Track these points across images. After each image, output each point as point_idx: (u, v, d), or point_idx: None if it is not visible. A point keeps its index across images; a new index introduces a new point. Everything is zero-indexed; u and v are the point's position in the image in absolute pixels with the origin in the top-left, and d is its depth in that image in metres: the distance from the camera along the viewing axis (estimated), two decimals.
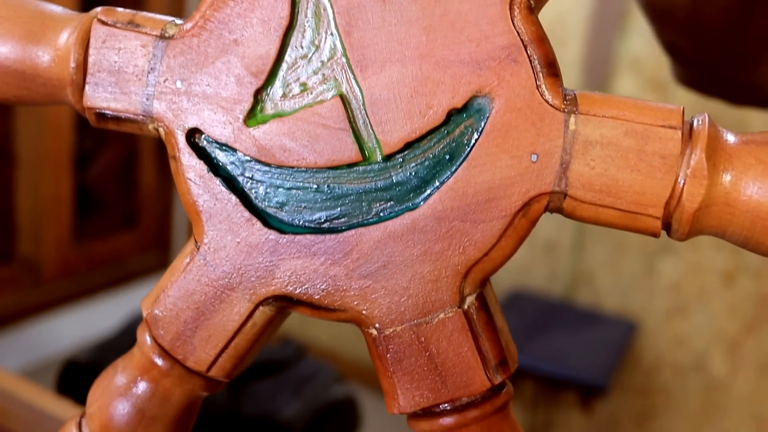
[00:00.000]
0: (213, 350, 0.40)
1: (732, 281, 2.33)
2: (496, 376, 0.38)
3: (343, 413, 1.49)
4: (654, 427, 2.52)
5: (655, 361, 2.47)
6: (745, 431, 2.38)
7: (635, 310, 2.47)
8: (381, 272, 0.38)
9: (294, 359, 1.50)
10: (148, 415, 0.42)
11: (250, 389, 1.43)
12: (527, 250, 2.60)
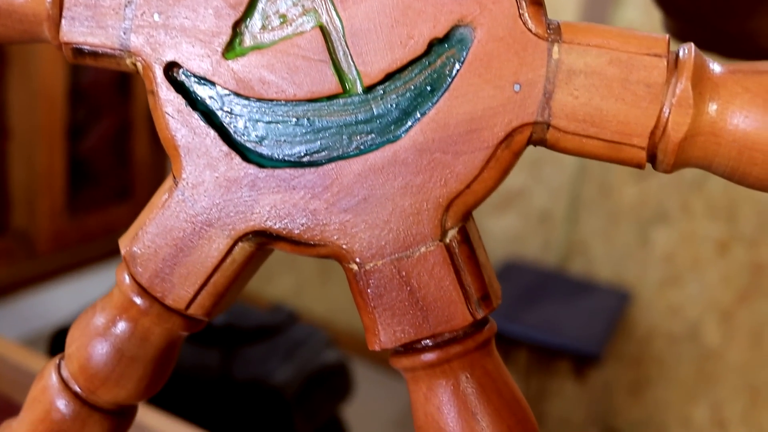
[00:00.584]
0: (192, 287, 0.40)
1: (726, 251, 2.33)
2: (479, 311, 0.37)
3: (334, 378, 1.49)
4: (647, 396, 2.53)
5: (649, 331, 2.48)
6: (738, 400, 2.39)
7: (629, 280, 2.47)
8: (361, 206, 0.37)
9: (286, 324, 1.50)
10: (127, 355, 0.41)
11: (242, 354, 1.43)
12: (521, 220, 2.60)
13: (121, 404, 0.43)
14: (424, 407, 0.39)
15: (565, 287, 2.46)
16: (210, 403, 1.40)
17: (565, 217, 2.54)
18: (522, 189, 2.58)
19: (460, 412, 0.38)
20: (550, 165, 2.53)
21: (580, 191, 2.50)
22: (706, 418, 2.44)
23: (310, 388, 1.43)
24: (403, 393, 2.70)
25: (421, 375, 0.38)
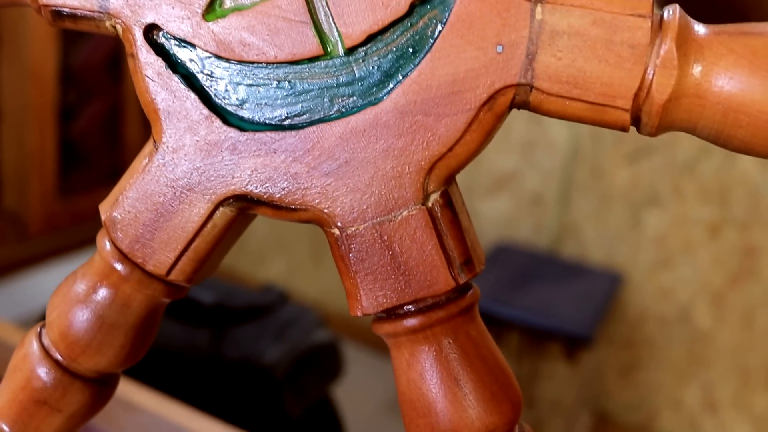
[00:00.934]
0: (172, 253, 0.39)
1: (717, 233, 2.33)
2: (461, 276, 0.37)
3: (325, 358, 1.49)
4: (638, 378, 2.53)
5: (640, 313, 2.48)
6: (729, 383, 2.39)
7: (621, 263, 2.47)
8: (343, 169, 0.37)
9: (276, 304, 1.49)
10: (108, 322, 0.41)
11: (232, 334, 1.42)
12: (513, 203, 2.60)
13: (102, 372, 0.43)
14: (406, 374, 0.39)
15: (556, 270, 2.46)
16: (200, 383, 1.39)
17: (557, 199, 2.54)
18: (514, 172, 2.58)
19: (442, 378, 0.38)
20: (542, 148, 2.53)
21: (572, 174, 2.49)
22: (698, 401, 2.45)
23: (300, 368, 1.42)
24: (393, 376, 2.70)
25: (403, 341, 0.38)
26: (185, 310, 1.44)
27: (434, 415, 0.38)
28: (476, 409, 0.38)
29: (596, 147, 2.44)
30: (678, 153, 2.34)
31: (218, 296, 1.46)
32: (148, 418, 0.96)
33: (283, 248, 3.06)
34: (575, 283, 2.39)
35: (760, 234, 2.27)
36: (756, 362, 2.34)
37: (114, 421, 0.95)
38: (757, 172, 2.25)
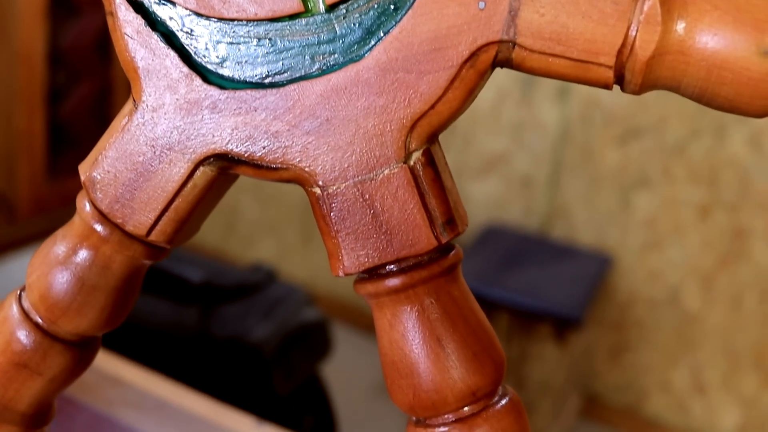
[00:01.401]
0: (152, 213, 0.39)
1: (707, 215, 2.33)
2: (444, 235, 0.37)
3: (313, 336, 1.49)
4: (627, 360, 2.54)
5: (630, 295, 2.48)
6: (718, 365, 2.40)
7: (610, 245, 2.48)
8: (324, 127, 0.37)
9: (265, 283, 1.49)
10: (88, 283, 0.41)
11: (220, 312, 1.42)
12: (502, 185, 2.60)
13: (83, 335, 0.42)
14: (388, 334, 0.38)
15: (546, 252, 2.46)
16: (188, 361, 1.39)
17: (547, 181, 2.54)
18: (503, 154, 2.58)
19: (424, 338, 0.38)
20: (532, 130, 2.52)
21: (562, 156, 2.49)
22: (686, 383, 2.46)
23: (288, 346, 1.42)
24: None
25: (385, 301, 0.38)
26: (173, 288, 1.44)
27: (417, 375, 0.38)
28: (459, 369, 0.38)
29: (586, 129, 2.44)
30: (668, 135, 2.34)
31: (206, 274, 1.45)
32: (134, 394, 0.96)
33: (273, 231, 3.06)
34: (564, 265, 2.40)
35: (749, 216, 2.28)
36: (745, 344, 2.35)
37: (101, 396, 0.95)
38: (747, 154, 2.25)
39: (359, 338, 2.84)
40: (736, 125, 2.25)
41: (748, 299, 2.32)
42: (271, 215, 3.06)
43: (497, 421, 0.38)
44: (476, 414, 0.38)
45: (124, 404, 0.94)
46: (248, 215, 3.11)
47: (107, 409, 0.93)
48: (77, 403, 0.94)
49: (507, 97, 2.53)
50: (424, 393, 0.38)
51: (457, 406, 0.38)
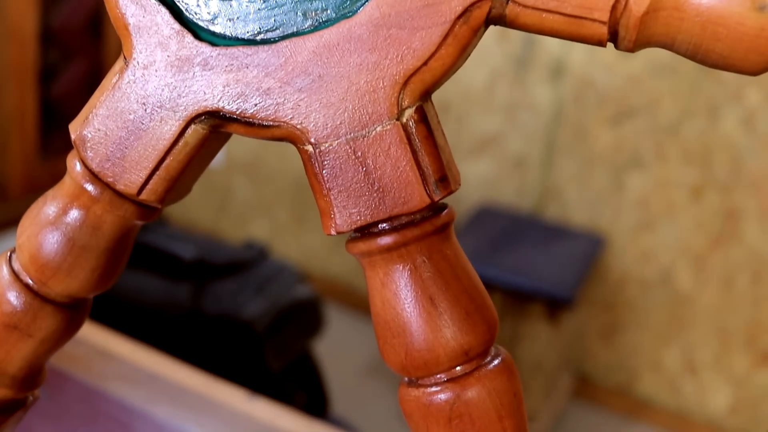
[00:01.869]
0: (143, 172, 0.39)
1: (699, 196, 2.33)
2: (436, 193, 0.37)
3: (305, 313, 1.49)
4: (619, 340, 2.54)
5: (622, 276, 2.49)
6: (709, 345, 2.41)
7: (603, 225, 2.48)
8: (316, 84, 0.37)
9: (257, 260, 1.49)
10: (78, 244, 0.41)
11: (212, 289, 1.42)
12: (496, 165, 2.60)
13: (73, 296, 0.42)
14: (380, 293, 0.38)
15: (539, 232, 2.47)
16: (180, 338, 1.39)
17: (540, 162, 2.54)
18: (497, 134, 2.57)
19: (417, 297, 0.37)
20: (525, 110, 2.52)
21: (555, 136, 2.49)
22: (678, 363, 2.46)
23: (280, 323, 1.42)
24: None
25: (377, 260, 0.38)
26: (165, 265, 1.44)
27: (409, 335, 0.38)
28: (451, 328, 0.37)
29: (579, 109, 2.44)
30: (661, 115, 2.34)
31: (199, 251, 1.45)
32: (126, 367, 0.96)
33: (266, 210, 3.06)
34: (557, 246, 2.40)
35: (741, 197, 2.28)
36: (736, 324, 2.36)
37: (92, 369, 0.95)
38: (740, 135, 2.25)
39: (352, 318, 2.84)
40: (729, 106, 2.25)
41: (740, 280, 2.33)
42: (263, 196, 3.05)
43: (489, 381, 0.38)
44: (468, 374, 0.38)
45: (116, 378, 0.94)
46: (241, 196, 3.10)
47: (99, 383, 0.93)
48: (69, 376, 0.93)
49: (500, 78, 2.53)
50: (417, 352, 0.38)
51: (450, 365, 0.38)
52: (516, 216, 2.53)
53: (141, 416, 0.89)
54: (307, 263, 2.94)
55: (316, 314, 1.52)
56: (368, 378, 2.56)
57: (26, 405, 0.45)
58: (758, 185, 2.26)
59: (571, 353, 2.49)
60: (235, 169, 3.09)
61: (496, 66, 2.53)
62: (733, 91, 2.24)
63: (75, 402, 0.90)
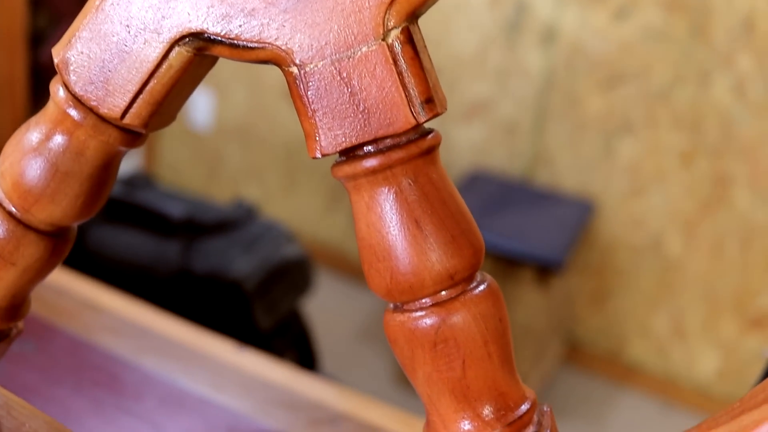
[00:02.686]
0: (127, 95, 0.38)
1: (690, 162, 2.34)
2: (422, 114, 0.36)
3: (294, 271, 1.48)
4: (609, 305, 2.55)
5: (612, 241, 2.49)
6: (698, 310, 2.42)
7: (593, 191, 2.48)
8: (301, 4, 0.36)
9: (246, 218, 1.49)
10: (61, 170, 0.40)
11: (201, 247, 1.42)
12: (487, 131, 2.59)
13: (57, 224, 0.42)
14: (366, 217, 0.38)
15: (529, 198, 2.47)
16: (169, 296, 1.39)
17: (531, 127, 2.53)
18: (488, 99, 2.57)
19: (402, 220, 0.37)
20: (517, 76, 2.51)
21: (546, 102, 2.49)
22: (666, 328, 2.47)
23: (269, 281, 1.42)
24: (368, 303, 2.72)
25: (362, 183, 0.37)
26: (155, 224, 1.43)
27: (394, 258, 0.37)
28: (437, 251, 0.37)
29: (570, 75, 2.44)
30: (652, 81, 2.34)
31: (188, 210, 1.45)
32: (114, 320, 0.96)
33: (256, 176, 3.05)
34: (547, 211, 2.40)
35: (731, 162, 2.28)
36: (724, 290, 2.36)
37: (80, 321, 0.95)
38: (731, 101, 2.25)
39: (343, 283, 2.84)
40: (720, 72, 2.25)
41: (729, 246, 2.33)
42: (254, 161, 3.05)
43: (475, 306, 0.38)
44: (454, 298, 0.38)
45: (104, 330, 0.94)
46: (232, 161, 3.10)
47: (86, 335, 0.93)
48: (56, 328, 0.93)
49: (491, 43, 2.52)
50: (402, 276, 0.37)
51: (435, 289, 0.38)
52: (507, 181, 2.53)
53: (128, 367, 0.89)
54: (299, 228, 2.94)
55: (305, 273, 1.52)
56: (359, 342, 2.56)
57: (10, 336, 0.45)
58: (748, 151, 2.26)
59: (561, 318, 2.49)
60: (225, 135, 3.08)
61: (487, 31, 2.52)
62: (724, 57, 2.24)
63: (63, 353, 0.90)
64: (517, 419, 0.39)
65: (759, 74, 2.21)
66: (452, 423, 0.39)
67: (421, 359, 0.39)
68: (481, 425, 0.39)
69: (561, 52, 2.43)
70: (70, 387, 0.85)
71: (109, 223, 1.44)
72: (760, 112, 2.23)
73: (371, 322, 2.64)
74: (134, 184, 1.50)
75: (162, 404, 0.85)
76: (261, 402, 0.85)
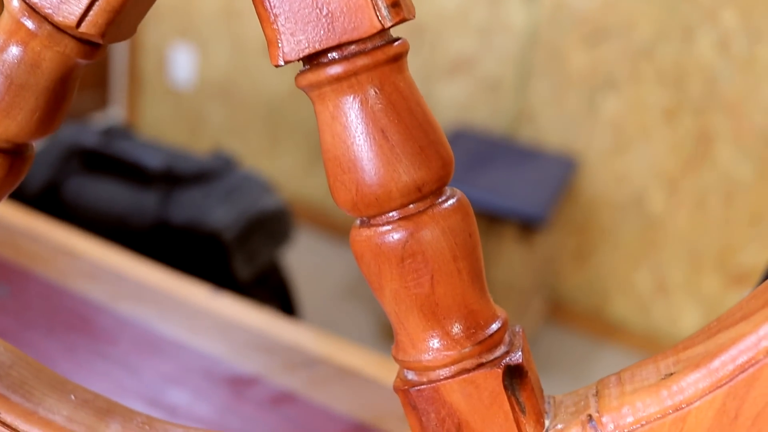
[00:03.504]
0: (83, 1, 0.37)
1: (673, 118, 2.33)
2: (388, 19, 0.35)
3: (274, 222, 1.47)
4: (591, 262, 2.55)
5: (595, 198, 2.49)
6: (680, 266, 2.42)
7: (576, 147, 2.47)
8: None
9: (224, 170, 1.47)
10: (16, 82, 0.39)
11: (179, 198, 1.40)
12: (471, 88, 2.58)
13: (12, 141, 0.41)
14: (330, 127, 0.37)
15: (513, 154, 2.46)
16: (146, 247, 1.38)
17: (515, 84, 2.52)
18: (472, 56, 2.55)
19: (368, 130, 0.36)
20: (500, 32, 2.50)
21: (530, 58, 2.47)
22: (649, 285, 2.48)
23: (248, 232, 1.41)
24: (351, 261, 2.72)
25: (327, 92, 0.36)
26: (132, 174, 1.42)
27: (360, 170, 0.36)
28: (403, 162, 0.36)
29: (554, 31, 2.42)
30: (636, 36, 2.33)
31: (166, 160, 1.43)
32: (89, 265, 0.95)
33: (239, 134, 3.03)
34: (531, 168, 2.39)
35: (715, 119, 2.28)
36: (707, 246, 2.37)
37: (54, 267, 0.93)
38: (715, 58, 2.24)
39: (325, 241, 2.84)
40: (704, 28, 2.24)
41: (712, 202, 2.33)
42: (236, 120, 3.03)
43: (443, 220, 0.37)
44: (422, 212, 0.37)
45: (79, 275, 0.93)
46: (214, 119, 3.07)
47: (61, 280, 0.92)
48: (31, 274, 0.92)
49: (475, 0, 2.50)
50: (368, 188, 0.36)
51: (402, 202, 0.37)
52: (490, 138, 2.52)
53: (103, 311, 0.88)
54: (282, 186, 2.93)
55: (284, 223, 1.50)
56: (343, 300, 2.56)
57: None
58: (732, 108, 2.26)
59: (544, 276, 2.49)
60: (207, 92, 3.06)
61: None
62: (708, 13, 2.23)
63: (37, 298, 0.89)
64: (487, 338, 0.39)
65: (743, 30, 2.20)
66: (420, 341, 0.38)
67: (389, 275, 0.38)
68: (450, 343, 0.38)
69: (544, 7, 2.42)
70: (43, 331, 0.84)
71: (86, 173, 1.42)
72: (743, 68, 2.23)
73: (354, 280, 2.63)
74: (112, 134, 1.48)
75: (137, 348, 0.84)
76: (237, 346, 0.85)
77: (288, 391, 0.79)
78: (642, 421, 0.37)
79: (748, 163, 2.26)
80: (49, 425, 0.42)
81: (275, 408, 0.78)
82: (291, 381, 0.80)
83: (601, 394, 0.39)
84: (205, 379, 0.80)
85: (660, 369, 0.38)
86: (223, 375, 0.81)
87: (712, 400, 0.36)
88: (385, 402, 0.80)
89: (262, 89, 2.92)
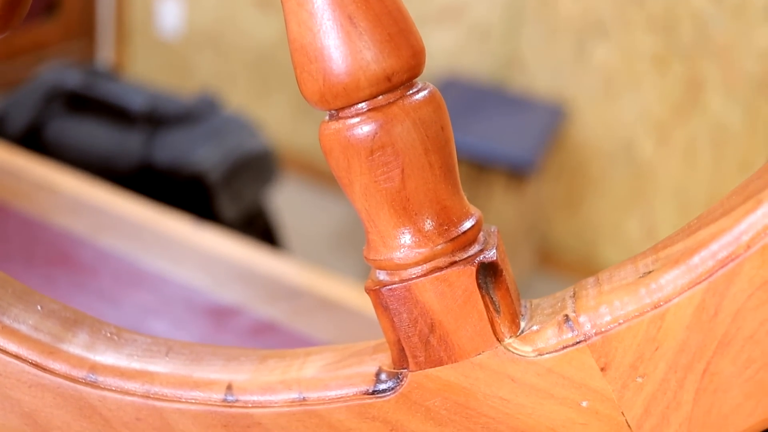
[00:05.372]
0: None
1: (663, 65, 2.31)
2: None
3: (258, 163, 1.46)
4: (581, 210, 2.55)
5: (585, 146, 2.48)
6: (669, 214, 2.42)
7: (566, 95, 2.46)
8: None
9: (209, 111, 1.46)
10: None
11: (163, 140, 1.39)
12: (460, 35, 2.56)
13: None
14: (296, 15, 0.36)
15: (502, 102, 2.44)
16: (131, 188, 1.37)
17: (504, 31, 2.50)
18: (460, 3, 2.53)
19: (335, 16, 0.35)
20: None
21: (520, 4, 2.45)
22: (638, 231, 2.48)
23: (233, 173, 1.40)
24: (339, 212, 2.71)
25: None
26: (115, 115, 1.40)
27: (327, 59, 0.35)
28: (372, 50, 0.35)
29: None
30: None
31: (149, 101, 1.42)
32: (69, 200, 0.94)
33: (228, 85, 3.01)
34: (520, 115, 2.38)
35: (706, 66, 2.26)
36: (696, 194, 2.36)
37: (34, 202, 0.92)
38: (706, 4, 2.22)
39: (314, 191, 2.83)
40: None
41: (702, 150, 2.33)
42: (225, 70, 3.00)
43: (414, 111, 0.36)
44: (392, 103, 0.36)
45: (59, 210, 0.92)
46: (202, 69, 3.05)
47: (41, 215, 0.91)
48: (10, 209, 0.91)
49: None
50: (335, 77, 0.35)
51: (371, 92, 0.36)
52: (480, 86, 2.50)
53: (84, 245, 0.87)
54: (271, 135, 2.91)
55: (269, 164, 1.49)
56: (332, 251, 2.56)
57: None
58: (722, 54, 2.24)
59: (534, 223, 2.49)
60: (195, 42, 3.03)
61: None
62: None
63: (16, 232, 0.88)
64: (460, 234, 0.38)
65: None
66: (391, 238, 0.38)
67: (358, 169, 0.37)
68: (421, 240, 0.37)
69: None
70: (22, 263, 0.83)
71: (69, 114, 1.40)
72: (735, 14, 2.21)
73: (343, 231, 2.63)
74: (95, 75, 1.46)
75: (118, 280, 0.83)
76: (219, 277, 0.84)
77: (269, 321, 0.79)
78: (620, 320, 0.36)
79: (737, 110, 2.25)
80: (13, 334, 0.41)
81: (256, 338, 0.77)
82: (273, 311, 0.80)
83: (578, 295, 0.38)
84: (186, 310, 0.80)
85: (639, 268, 0.38)
86: (204, 306, 0.80)
87: (691, 297, 0.35)
88: (368, 333, 0.79)
89: (251, 39, 2.90)
